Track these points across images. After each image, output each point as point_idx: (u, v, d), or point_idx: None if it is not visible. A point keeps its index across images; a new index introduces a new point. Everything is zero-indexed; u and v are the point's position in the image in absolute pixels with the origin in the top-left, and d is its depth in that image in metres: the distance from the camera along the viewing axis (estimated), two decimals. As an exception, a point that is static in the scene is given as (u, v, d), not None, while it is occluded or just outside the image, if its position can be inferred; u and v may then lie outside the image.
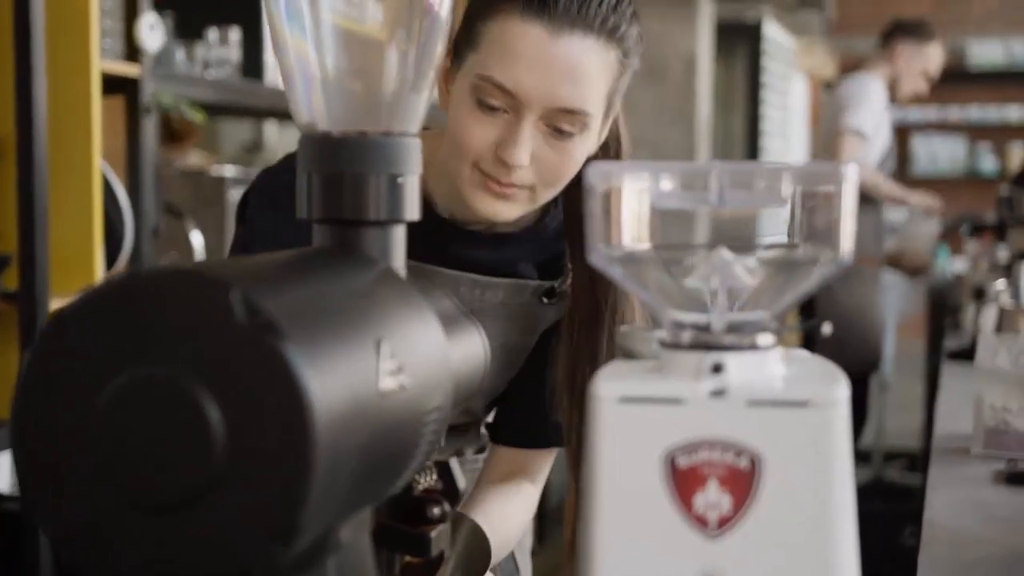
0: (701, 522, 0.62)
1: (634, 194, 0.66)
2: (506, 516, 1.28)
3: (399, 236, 0.68)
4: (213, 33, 3.08)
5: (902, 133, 7.11)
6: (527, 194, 1.17)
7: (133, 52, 2.68)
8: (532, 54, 1.11)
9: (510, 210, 1.18)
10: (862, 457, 4.59)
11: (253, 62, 3.20)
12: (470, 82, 1.14)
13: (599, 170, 0.67)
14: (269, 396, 0.50)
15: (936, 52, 4.43)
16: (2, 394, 2.12)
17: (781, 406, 0.61)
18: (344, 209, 0.65)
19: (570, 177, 1.18)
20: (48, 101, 2.17)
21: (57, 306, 1.18)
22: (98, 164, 2.44)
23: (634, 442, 0.62)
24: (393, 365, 0.58)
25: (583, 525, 0.64)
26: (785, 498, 0.61)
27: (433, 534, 0.73)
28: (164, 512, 0.51)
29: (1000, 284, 2.68)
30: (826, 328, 0.72)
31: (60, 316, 0.53)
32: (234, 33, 3.12)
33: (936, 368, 3.32)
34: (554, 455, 1.37)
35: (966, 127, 8.27)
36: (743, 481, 0.61)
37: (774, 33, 6.57)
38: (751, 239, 0.70)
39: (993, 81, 8.06)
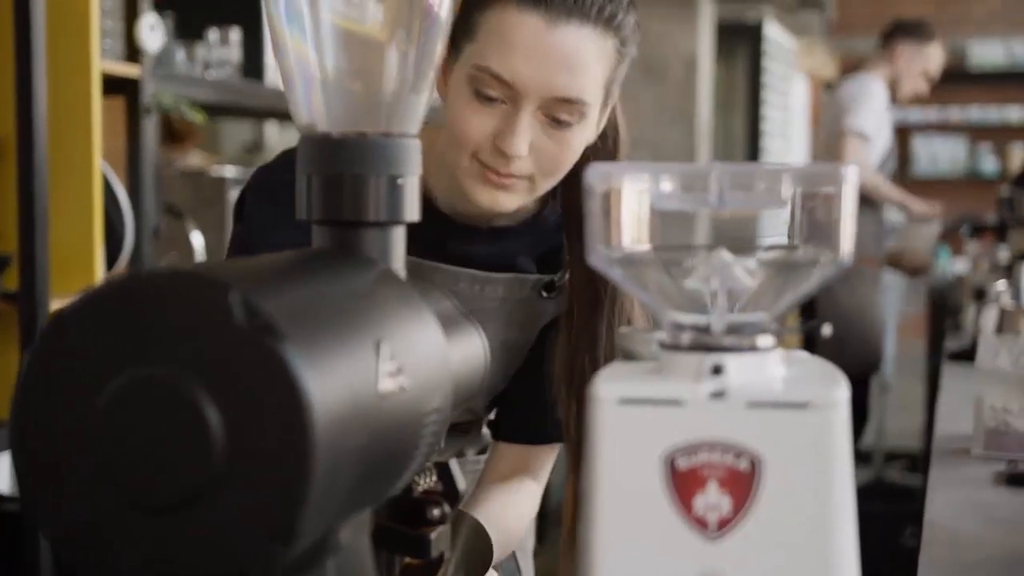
0: (701, 524, 0.62)
1: (634, 195, 0.66)
2: (508, 513, 1.28)
3: (399, 237, 0.68)
4: (213, 33, 3.08)
5: (903, 134, 7.10)
6: (526, 184, 1.17)
7: (133, 52, 2.68)
8: (529, 44, 1.11)
9: (510, 200, 1.18)
10: (863, 458, 4.59)
11: (253, 62, 3.20)
12: (467, 73, 1.14)
13: (599, 171, 0.67)
14: (268, 397, 0.50)
15: (936, 52, 4.43)
16: (2, 394, 2.12)
17: (781, 407, 0.61)
18: (344, 210, 0.65)
19: (569, 166, 1.18)
20: (48, 101, 2.17)
21: (57, 306, 1.18)
22: (98, 164, 2.44)
23: (634, 444, 0.62)
24: (392, 366, 0.58)
25: (583, 526, 0.64)
26: (785, 500, 0.61)
27: (433, 536, 0.73)
28: (164, 512, 0.51)
29: (1001, 285, 2.68)
30: (826, 329, 0.72)
31: (60, 316, 0.53)
32: (234, 33, 3.12)
33: (936, 369, 3.32)
34: (556, 451, 1.37)
35: (967, 128, 8.26)
36: (743, 483, 0.61)
37: (775, 33, 6.57)
38: (751, 240, 0.69)
39: (994, 82, 8.05)
